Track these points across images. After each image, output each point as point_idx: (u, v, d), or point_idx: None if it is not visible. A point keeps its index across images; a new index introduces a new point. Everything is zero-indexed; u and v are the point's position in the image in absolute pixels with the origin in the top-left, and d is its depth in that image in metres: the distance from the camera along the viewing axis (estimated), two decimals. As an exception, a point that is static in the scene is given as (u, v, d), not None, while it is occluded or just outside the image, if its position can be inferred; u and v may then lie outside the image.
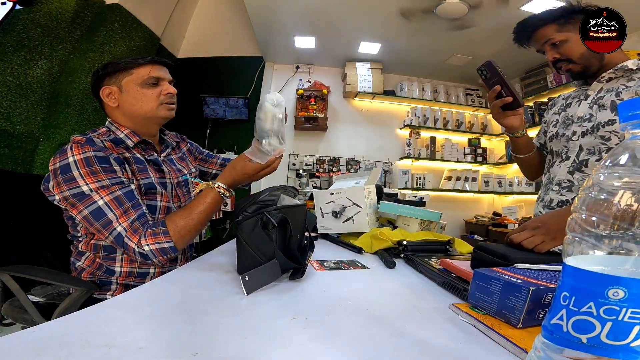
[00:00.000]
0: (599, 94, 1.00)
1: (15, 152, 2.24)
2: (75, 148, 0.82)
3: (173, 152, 1.10)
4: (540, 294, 0.44)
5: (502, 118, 1.04)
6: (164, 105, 0.97)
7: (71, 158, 0.81)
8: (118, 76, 0.94)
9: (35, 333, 0.39)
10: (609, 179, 0.28)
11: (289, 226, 0.69)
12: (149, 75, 0.94)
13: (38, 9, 2.29)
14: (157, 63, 0.97)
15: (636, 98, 0.30)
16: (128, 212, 0.82)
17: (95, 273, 0.91)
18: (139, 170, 0.93)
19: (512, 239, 0.77)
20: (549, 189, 1.10)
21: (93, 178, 0.80)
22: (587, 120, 1.00)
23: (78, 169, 0.80)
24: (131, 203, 0.84)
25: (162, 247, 0.82)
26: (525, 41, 1.08)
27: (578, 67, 1.00)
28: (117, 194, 0.82)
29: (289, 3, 2.80)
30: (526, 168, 1.25)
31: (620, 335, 0.25)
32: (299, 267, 0.70)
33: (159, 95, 0.96)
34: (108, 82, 0.94)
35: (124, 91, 0.94)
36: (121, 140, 0.93)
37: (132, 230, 0.81)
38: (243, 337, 0.42)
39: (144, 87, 0.94)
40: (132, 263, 0.92)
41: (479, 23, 2.82)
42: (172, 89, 0.98)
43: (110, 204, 0.81)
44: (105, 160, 0.84)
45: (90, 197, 0.80)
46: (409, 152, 3.92)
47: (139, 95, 0.94)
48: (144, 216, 0.85)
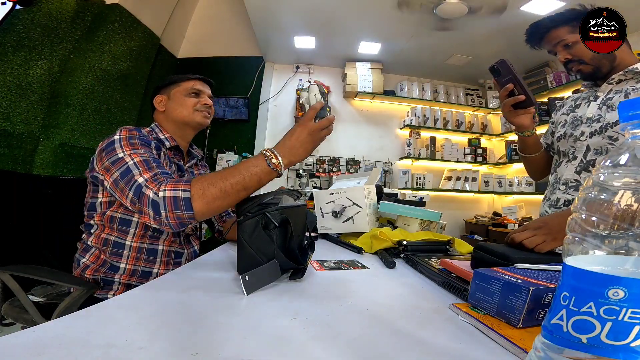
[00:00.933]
0: (608, 95, 1.00)
1: (15, 152, 2.24)
2: (124, 130, 0.92)
3: (195, 167, 1.22)
4: (540, 294, 0.44)
5: (513, 116, 1.04)
6: (200, 112, 1.12)
7: (117, 136, 0.89)
8: (170, 88, 1.12)
9: (35, 333, 0.39)
10: (609, 179, 0.28)
11: (289, 226, 0.69)
12: (192, 87, 1.12)
13: (38, 9, 2.29)
14: (203, 80, 1.16)
15: (636, 98, 0.30)
16: (152, 169, 0.82)
17: (99, 270, 0.92)
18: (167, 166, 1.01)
19: (513, 238, 0.77)
20: (555, 188, 1.11)
21: (130, 147, 0.86)
22: (596, 121, 1.00)
23: (120, 142, 0.87)
24: (157, 165, 0.85)
25: (176, 197, 0.73)
26: (537, 42, 1.09)
27: (589, 68, 1.01)
28: (147, 158, 0.85)
29: (289, 3, 2.81)
30: (532, 168, 1.25)
31: (620, 335, 0.25)
32: (300, 267, 0.70)
33: (197, 103, 1.11)
34: (162, 92, 1.13)
35: (171, 99, 1.12)
36: (161, 140, 1.06)
37: (152, 180, 0.78)
38: (243, 337, 0.42)
39: (186, 96, 1.11)
40: (137, 261, 0.94)
41: (474, 24, 2.82)
42: (209, 101, 1.14)
43: (139, 164, 0.82)
44: (145, 140, 0.92)
45: (122, 159, 0.84)
46: (409, 152, 3.92)
47: (181, 102, 1.10)
48: (169, 174, 0.83)
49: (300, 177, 3.88)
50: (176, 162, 1.09)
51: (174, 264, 1.00)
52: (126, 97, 2.94)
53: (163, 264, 0.98)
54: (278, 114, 4.00)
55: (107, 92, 2.71)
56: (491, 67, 1.00)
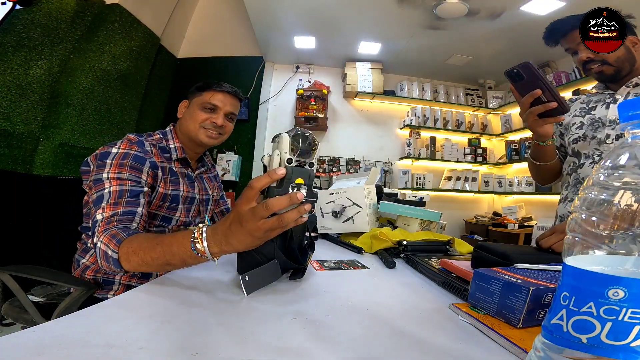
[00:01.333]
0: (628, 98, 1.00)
1: (15, 152, 2.24)
2: (125, 143, 0.90)
3: (205, 173, 1.18)
4: (540, 293, 0.44)
5: (539, 125, 0.92)
6: (204, 130, 1.04)
7: (115, 149, 0.88)
8: (194, 94, 1.06)
9: (35, 333, 0.39)
10: (609, 179, 0.28)
11: None
12: (208, 100, 1.03)
13: (38, 9, 2.29)
14: (226, 92, 1.06)
15: (636, 98, 0.30)
16: (117, 206, 0.81)
17: (100, 271, 0.92)
18: (172, 182, 0.99)
19: (542, 244, 0.75)
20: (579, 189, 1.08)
21: (117, 169, 0.85)
22: None
23: (113, 159, 0.86)
24: (129, 199, 0.83)
25: (107, 252, 0.73)
26: (557, 39, 1.07)
27: (611, 70, 1.00)
28: (125, 188, 0.84)
29: (289, 3, 2.80)
30: (544, 175, 1.20)
31: (620, 335, 0.25)
32: (300, 267, 0.70)
33: (206, 120, 1.03)
34: (189, 96, 1.08)
35: (190, 107, 1.06)
36: (169, 150, 1.01)
37: (105, 222, 0.78)
38: (243, 337, 0.42)
39: (200, 109, 1.03)
40: None
41: (476, 24, 2.82)
42: (220, 120, 1.04)
43: (112, 194, 0.82)
44: (140, 159, 0.89)
45: (103, 183, 0.83)
46: (409, 152, 3.92)
47: (193, 114, 1.04)
48: (130, 214, 0.81)
49: (300, 177, 3.88)
50: (184, 171, 1.06)
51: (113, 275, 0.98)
52: (126, 97, 2.94)
53: None
54: (278, 114, 4.00)
55: (107, 92, 2.71)
56: (509, 71, 0.87)
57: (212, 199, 1.18)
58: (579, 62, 1.04)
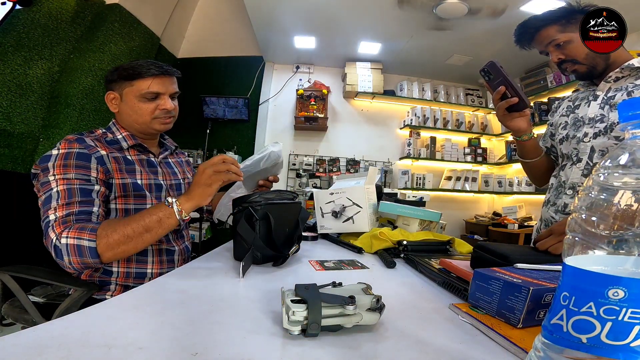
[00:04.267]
0: (609, 94, 0.98)
1: (15, 152, 2.24)
2: (63, 143, 0.86)
3: (171, 156, 1.14)
4: (540, 293, 0.44)
5: (508, 120, 1.00)
6: (158, 119, 0.98)
7: (55, 151, 0.85)
8: (121, 84, 0.96)
9: (35, 333, 0.39)
10: (609, 178, 0.28)
11: (271, 219, 0.79)
12: (147, 90, 0.94)
13: (38, 9, 2.29)
14: (161, 75, 0.95)
15: (636, 98, 0.30)
16: (70, 206, 0.79)
17: (94, 275, 0.91)
18: (126, 170, 0.94)
19: (539, 246, 0.75)
20: (560, 192, 1.06)
21: (62, 170, 0.82)
22: (599, 121, 0.98)
23: (55, 161, 0.83)
24: (81, 198, 0.81)
25: (80, 245, 0.73)
26: (527, 43, 1.06)
27: (584, 68, 0.99)
28: (73, 187, 0.81)
29: (289, 3, 2.80)
30: (534, 173, 1.21)
31: (620, 335, 0.25)
32: (279, 255, 0.79)
33: (155, 110, 0.97)
34: (113, 87, 0.98)
35: (123, 101, 0.97)
36: (117, 141, 0.97)
37: (61, 221, 0.76)
38: (243, 337, 0.42)
39: (141, 100, 0.95)
40: (129, 263, 0.92)
41: (477, 24, 2.82)
42: (169, 105, 0.97)
43: (61, 193, 0.79)
44: (84, 156, 0.86)
45: (49, 184, 0.81)
46: (409, 152, 3.92)
47: (135, 108, 0.96)
48: (86, 214, 0.80)
49: (300, 177, 3.88)
50: (144, 158, 1.01)
51: (167, 262, 0.99)
52: (126, 97, 2.94)
53: (156, 263, 0.96)
54: (278, 114, 4.00)
55: (107, 92, 2.71)
56: (481, 70, 0.97)
57: (184, 183, 1.13)
58: (554, 63, 1.03)
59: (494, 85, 0.96)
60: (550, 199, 1.12)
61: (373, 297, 0.46)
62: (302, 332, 0.42)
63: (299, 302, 0.43)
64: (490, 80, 0.97)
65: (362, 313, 0.44)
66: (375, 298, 0.46)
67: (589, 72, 1.00)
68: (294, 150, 3.95)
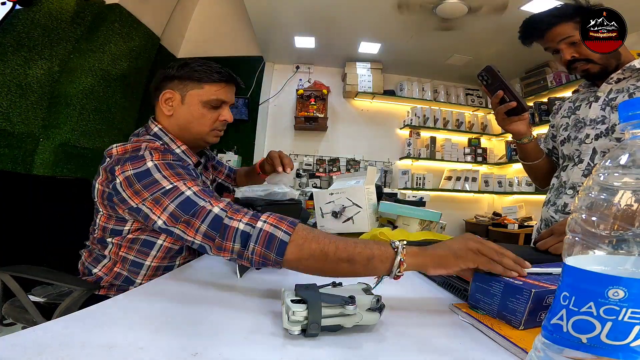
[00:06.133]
0: (610, 95, 0.98)
1: (15, 152, 2.24)
2: (156, 154, 0.74)
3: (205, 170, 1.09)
4: (541, 295, 0.44)
5: (507, 124, 1.00)
6: (215, 131, 0.91)
7: (150, 163, 0.71)
8: (187, 85, 0.85)
9: (35, 333, 0.39)
10: (609, 179, 0.28)
11: None
12: (216, 97, 0.86)
13: (38, 9, 2.29)
14: (229, 81, 0.89)
15: (636, 98, 0.30)
16: (221, 200, 0.67)
17: (114, 283, 0.87)
18: None
19: (539, 246, 0.75)
20: (561, 192, 1.06)
21: (177, 178, 0.69)
22: (601, 122, 0.98)
23: (160, 172, 0.69)
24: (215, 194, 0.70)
25: (274, 235, 0.58)
26: (535, 39, 1.03)
27: (597, 68, 0.96)
28: (204, 188, 0.70)
29: (289, 3, 2.80)
30: (536, 175, 1.21)
31: (620, 335, 0.25)
32: None
33: (216, 120, 0.89)
34: (174, 86, 0.86)
35: (186, 103, 0.86)
36: (178, 157, 0.83)
37: (233, 210, 0.63)
38: (243, 337, 0.42)
39: (205, 107, 0.86)
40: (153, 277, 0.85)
41: (475, 24, 2.82)
42: (229, 116, 0.91)
43: (200, 194, 0.66)
44: (185, 168, 0.76)
45: (177, 188, 0.67)
46: (409, 152, 3.92)
47: (197, 114, 0.86)
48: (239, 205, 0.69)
49: (300, 177, 3.88)
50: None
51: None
52: (126, 97, 2.94)
53: None
54: (278, 114, 4.00)
55: (107, 92, 2.71)
56: (478, 75, 0.97)
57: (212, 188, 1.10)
58: (562, 61, 1.01)
59: (491, 90, 0.97)
60: (551, 198, 1.12)
61: (373, 297, 0.46)
62: (302, 332, 0.42)
63: (299, 302, 0.43)
64: (488, 84, 0.97)
65: (362, 313, 0.44)
66: (375, 298, 0.46)
67: (600, 73, 0.98)
68: (294, 150, 3.95)
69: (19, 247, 1.11)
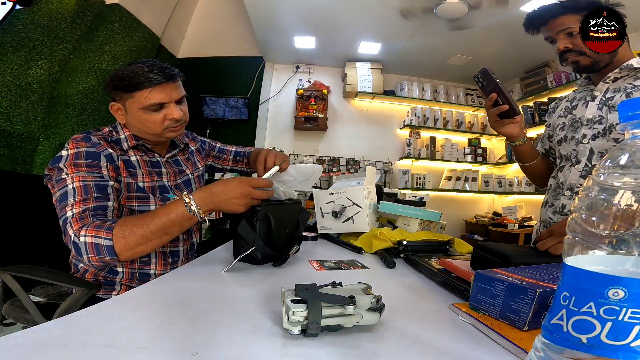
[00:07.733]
0: (607, 95, 0.97)
1: (15, 152, 2.24)
2: (72, 143, 0.86)
3: (180, 153, 1.10)
4: (546, 295, 0.43)
5: (500, 127, 1.01)
6: (169, 129, 0.93)
7: (65, 152, 0.85)
8: (121, 95, 0.90)
9: (35, 333, 0.39)
10: (609, 178, 0.28)
11: (272, 220, 0.79)
12: (150, 102, 0.87)
13: (38, 9, 2.29)
14: (161, 83, 0.87)
15: (636, 98, 0.30)
16: (87, 202, 0.79)
17: (99, 274, 0.91)
18: (129, 174, 0.93)
19: (539, 247, 0.74)
20: (558, 194, 1.06)
21: (74, 169, 0.82)
22: (598, 122, 0.97)
23: (66, 161, 0.83)
24: (97, 194, 0.81)
25: (98, 244, 0.73)
26: (537, 27, 1.04)
27: (587, 61, 0.96)
28: (89, 183, 0.81)
29: (289, 3, 2.81)
30: (533, 176, 1.21)
31: (620, 335, 0.25)
32: (279, 255, 0.79)
33: (163, 120, 0.91)
34: (116, 96, 0.92)
35: (129, 112, 0.91)
36: (119, 141, 0.94)
37: (78, 218, 0.76)
38: (243, 337, 0.42)
39: (146, 112, 0.89)
40: (132, 263, 0.92)
41: (479, 23, 2.82)
42: (177, 114, 0.91)
43: (77, 189, 0.80)
44: (93, 155, 0.86)
45: (64, 180, 0.81)
46: (409, 152, 3.92)
47: (142, 120, 0.90)
48: (102, 209, 0.80)
49: (300, 177, 3.88)
50: (147, 159, 0.98)
51: (171, 263, 0.99)
52: (126, 97, 2.94)
53: (160, 265, 0.95)
54: (278, 114, 4.00)
55: (107, 92, 2.71)
56: (475, 77, 0.99)
57: (193, 177, 1.11)
58: (556, 51, 1.01)
59: (486, 92, 0.98)
60: (549, 200, 1.12)
61: (373, 297, 0.46)
62: (302, 332, 0.42)
63: (299, 302, 0.43)
64: (484, 87, 0.99)
65: (362, 313, 0.44)
66: (375, 298, 0.46)
67: (591, 66, 0.98)
68: (294, 150, 3.95)
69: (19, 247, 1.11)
